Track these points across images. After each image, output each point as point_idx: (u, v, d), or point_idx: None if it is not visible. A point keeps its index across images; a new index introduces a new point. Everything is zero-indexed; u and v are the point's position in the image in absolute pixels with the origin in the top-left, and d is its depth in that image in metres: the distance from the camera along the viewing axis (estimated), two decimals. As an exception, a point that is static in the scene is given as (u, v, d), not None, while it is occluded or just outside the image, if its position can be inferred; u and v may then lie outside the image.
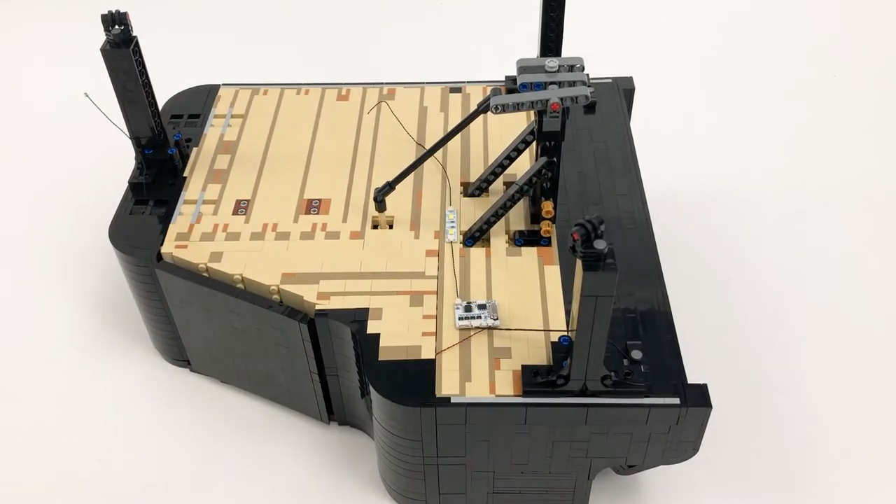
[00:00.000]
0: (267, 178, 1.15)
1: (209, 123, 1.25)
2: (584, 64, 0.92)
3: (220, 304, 1.02)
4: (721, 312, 1.27)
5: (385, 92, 1.29)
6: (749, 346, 1.22)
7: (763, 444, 1.10)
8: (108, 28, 1.04)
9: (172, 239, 1.06)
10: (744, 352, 1.21)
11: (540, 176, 1.00)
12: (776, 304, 1.28)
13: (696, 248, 1.37)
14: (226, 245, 1.04)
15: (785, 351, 1.21)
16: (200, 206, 1.10)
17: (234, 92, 1.30)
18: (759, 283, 1.31)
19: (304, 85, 1.31)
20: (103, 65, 1.06)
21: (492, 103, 0.92)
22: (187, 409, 1.16)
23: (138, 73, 1.07)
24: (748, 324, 1.25)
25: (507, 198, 1.01)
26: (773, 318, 1.26)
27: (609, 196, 1.09)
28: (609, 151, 1.16)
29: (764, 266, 1.34)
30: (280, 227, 1.06)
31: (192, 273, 1.03)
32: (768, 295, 1.29)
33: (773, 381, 1.18)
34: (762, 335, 1.24)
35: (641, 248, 1.02)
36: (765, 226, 1.41)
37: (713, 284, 1.31)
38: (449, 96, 1.27)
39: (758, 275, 1.33)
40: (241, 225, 1.07)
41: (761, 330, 1.24)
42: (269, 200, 1.11)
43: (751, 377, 1.18)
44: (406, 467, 0.97)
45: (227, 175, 1.15)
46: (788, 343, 1.22)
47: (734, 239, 1.39)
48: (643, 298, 0.96)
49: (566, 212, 1.07)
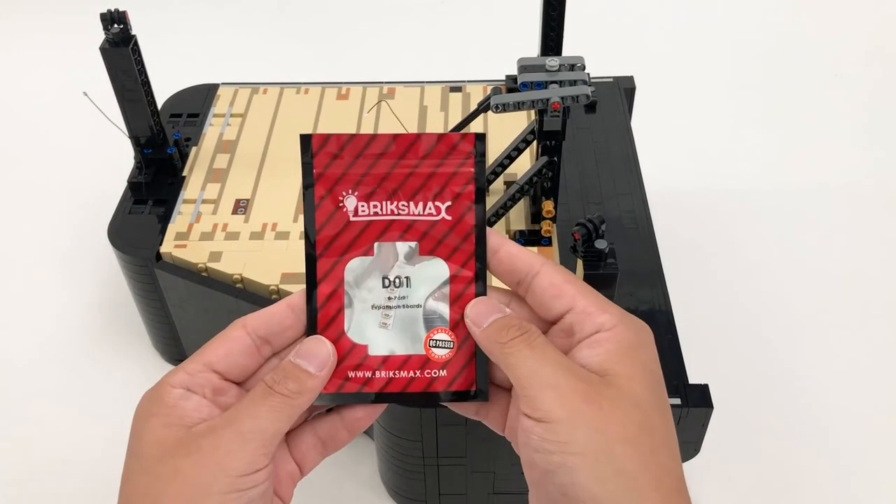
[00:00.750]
0: (266, 177, 1.14)
1: (208, 122, 1.24)
2: (584, 63, 0.92)
3: (219, 303, 1.01)
4: (722, 312, 1.26)
5: (385, 91, 1.29)
6: (750, 346, 1.22)
7: (764, 444, 1.10)
8: (108, 27, 1.04)
9: (171, 238, 1.05)
10: (744, 352, 1.21)
11: (540, 175, 1.00)
12: (777, 304, 1.28)
13: (697, 248, 1.36)
14: (225, 245, 1.04)
15: (785, 351, 1.21)
16: (200, 205, 1.10)
17: (234, 91, 1.30)
18: (759, 283, 1.31)
19: (303, 84, 1.31)
20: (102, 64, 1.05)
21: (492, 102, 0.91)
22: (186, 409, 1.15)
23: (137, 72, 1.07)
24: (749, 324, 1.25)
25: (508, 197, 1.01)
26: (773, 319, 1.26)
27: (610, 195, 1.09)
28: (610, 151, 1.16)
29: (764, 266, 1.34)
30: (280, 227, 1.06)
31: (191, 273, 1.03)
32: (769, 295, 1.29)
33: (774, 381, 1.17)
34: (763, 335, 1.23)
35: (642, 247, 1.02)
36: (765, 225, 1.41)
37: (714, 284, 1.31)
38: (449, 95, 1.27)
39: (758, 275, 1.33)
40: (241, 224, 1.07)
41: (762, 330, 1.24)
42: (268, 200, 1.11)
43: (752, 377, 1.17)
44: (406, 467, 0.97)
45: (227, 174, 1.15)
46: (789, 343, 1.22)
47: (735, 239, 1.39)
48: (644, 298, 0.96)
49: (567, 211, 1.06)
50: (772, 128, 1.63)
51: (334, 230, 0.55)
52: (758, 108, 1.67)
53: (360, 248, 0.56)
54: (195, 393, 0.53)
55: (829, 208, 1.44)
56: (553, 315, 0.54)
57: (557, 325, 0.54)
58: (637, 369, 0.51)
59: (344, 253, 0.56)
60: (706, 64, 1.79)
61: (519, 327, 0.52)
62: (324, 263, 0.56)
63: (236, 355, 0.54)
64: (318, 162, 0.55)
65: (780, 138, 1.60)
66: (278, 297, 0.98)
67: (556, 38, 1.00)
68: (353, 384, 0.55)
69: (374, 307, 0.56)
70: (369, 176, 0.55)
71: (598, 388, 0.50)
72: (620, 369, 0.51)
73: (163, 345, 1.20)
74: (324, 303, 0.55)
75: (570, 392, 0.49)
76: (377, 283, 0.56)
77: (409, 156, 0.55)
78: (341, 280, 0.56)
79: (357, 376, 0.55)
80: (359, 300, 0.56)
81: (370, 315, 0.56)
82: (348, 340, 0.56)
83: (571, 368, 0.51)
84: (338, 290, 0.56)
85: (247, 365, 0.55)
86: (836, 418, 1.13)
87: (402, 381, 0.56)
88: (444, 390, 0.56)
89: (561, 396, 0.49)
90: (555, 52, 1.02)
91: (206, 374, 0.53)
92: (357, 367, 0.55)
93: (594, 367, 0.51)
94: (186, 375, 0.53)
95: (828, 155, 1.56)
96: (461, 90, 1.28)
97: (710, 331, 1.22)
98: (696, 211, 1.44)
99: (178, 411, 0.52)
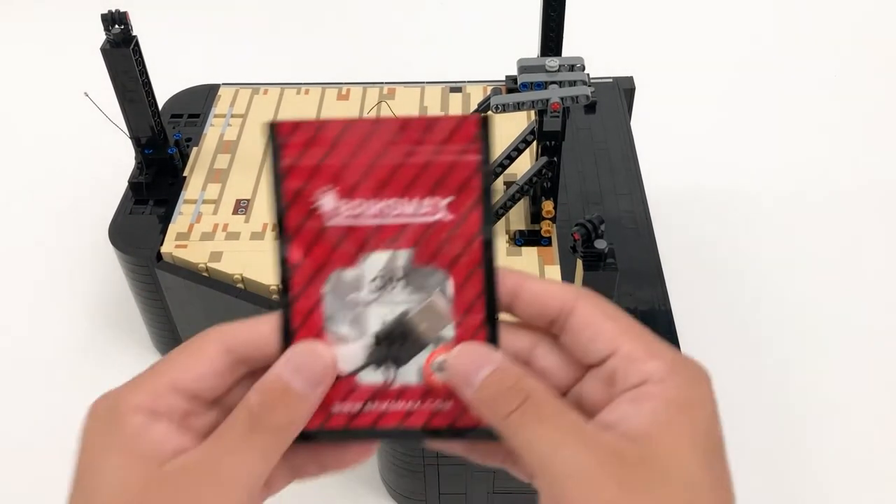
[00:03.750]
0: (267, 177, 1.14)
1: (209, 123, 1.24)
2: (584, 63, 0.92)
3: (219, 303, 1.02)
4: (722, 312, 1.27)
5: (385, 91, 1.29)
6: (750, 346, 1.22)
7: (764, 444, 1.10)
8: (108, 27, 1.04)
9: (172, 238, 1.05)
10: (745, 352, 1.21)
11: (540, 176, 1.00)
12: (777, 303, 1.28)
13: (697, 248, 1.36)
14: (226, 245, 1.04)
15: (786, 350, 1.21)
16: (200, 205, 1.10)
17: (235, 91, 1.30)
18: (759, 283, 1.31)
19: (304, 84, 1.31)
20: (103, 64, 1.05)
21: (492, 102, 0.92)
22: (187, 409, 1.15)
23: (138, 72, 1.07)
24: (749, 324, 1.25)
25: (508, 197, 1.01)
26: (773, 318, 1.26)
27: (609, 195, 1.09)
28: (609, 151, 1.16)
29: (764, 265, 1.34)
30: (280, 227, 1.06)
31: (191, 273, 1.03)
32: (769, 295, 1.29)
33: (775, 380, 1.17)
34: (763, 335, 1.23)
35: (642, 247, 1.02)
36: (765, 225, 1.41)
37: (714, 284, 1.31)
38: (449, 96, 1.27)
39: (758, 274, 1.33)
40: (241, 224, 1.07)
41: (762, 330, 1.24)
42: (269, 200, 1.10)
43: (752, 377, 1.17)
44: (406, 467, 0.97)
45: (227, 174, 1.15)
46: (789, 343, 1.22)
47: (734, 238, 1.39)
48: (644, 298, 0.96)
49: (566, 211, 1.06)
50: (772, 128, 1.63)
51: (311, 235, 0.46)
52: (758, 108, 1.67)
53: (342, 257, 0.46)
54: (161, 417, 0.43)
55: (829, 208, 1.44)
56: (593, 359, 0.44)
57: (596, 372, 0.44)
58: (689, 437, 0.42)
59: (323, 263, 0.46)
60: (706, 64, 1.79)
61: (518, 390, 0.42)
62: (300, 277, 0.46)
63: (209, 377, 0.44)
64: (288, 153, 0.46)
65: (779, 138, 1.60)
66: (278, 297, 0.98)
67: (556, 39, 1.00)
68: (338, 420, 0.45)
69: (363, 328, 0.46)
70: (350, 168, 0.45)
71: (635, 467, 0.40)
72: (667, 438, 0.41)
73: (163, 344, 1.20)
74: (301, 324, 0.46)
75: (600, 479, 0.39)
76: (366, 300, 0.46)
77: (398, 143, 0.45)
78: (321, 297, 0.46)
79: (343, 411, 0.45)
80: (343, 321, 0.46)
81: (358, 337, 0.46)
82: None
83: (598, 443, 0.40)
84: (317, 308, 0.46)
85: (218, 386, 0.45)
86: (838, 418, 1.13)
87: (398, 415, 0.46)
88: (449, 426, 0.46)
89: (589, 487, 0.39)
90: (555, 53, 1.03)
91: (172, 396, 0.43)
92: (344, 398, 0.45)
93: (634, 431, 0.41)
94: (149, 398, 0.43)
95: (828, 155, 1.56)
96: (461, 90, 1.28)
97: (711, 331, 1.22)
98: (696, 211, 1.44)
99: (143, 444, 0.42)
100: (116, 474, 0.42)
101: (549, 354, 0.46)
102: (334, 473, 0.47)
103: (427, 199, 0.45)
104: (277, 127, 0.45)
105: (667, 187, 1.44)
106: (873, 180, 1.50)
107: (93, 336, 1.27)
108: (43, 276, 1.37)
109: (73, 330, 1.28)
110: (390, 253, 0.46)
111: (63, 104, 1.68)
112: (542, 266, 1.00)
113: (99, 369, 1.22)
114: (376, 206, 0.45)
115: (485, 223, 0.45)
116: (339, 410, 0.46)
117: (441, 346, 0.45)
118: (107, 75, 1.06)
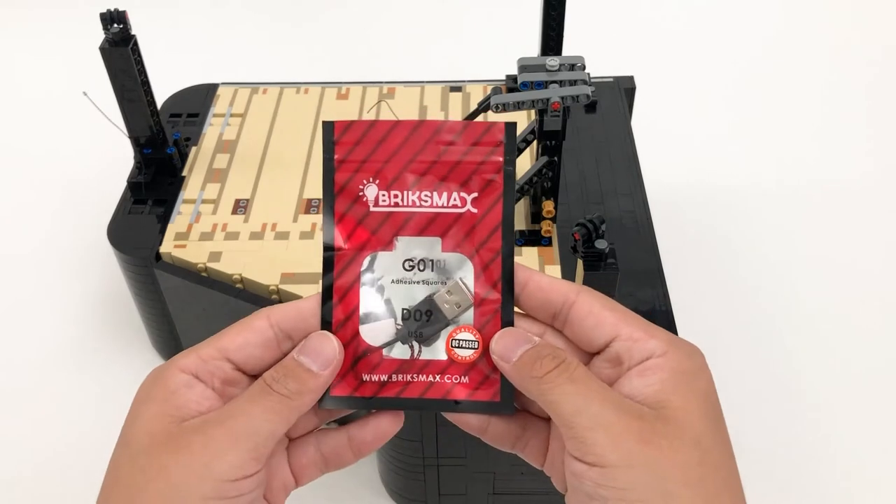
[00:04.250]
0: (266, 177, 1.14)
1: (208, 122, 1.24)
2: (585, 63, 0.92)
3: (218, 303, 1.01)
4: (722, 312, 1.26)
5: (385, 91, 1.28)
6: (750, 346, 1.22)
7: (765, 444, 1.10)
8: (107, 27, 1.04)
9: (171, 238, 1.05)
10: (745, 352, 1.21)
11: (540, 175, 1.00)
12: (777, 303, 1.28)
13: (697, 248, 1.36)
14: (225, 245, 1.04)
15: (786, 350, 1.21)
16: (199, 205, 1.10)
17: (234, 91, 1.30)
18: (759, 283, 1.31)
19: (303, 84, 1.31)
20: (102, 64, 1.05)
21: (492, 102, 0.91)
22: (186, 410, 1.15)
23: (137, 71, 1.07)
24: (749, 324, 1.25)
25: (508, 197, 1.01)
26: (774, 318, 1.26)
27: (610, 195, 1.09)
28: (610, 151, 1.15)
29: (765, 265, 1.34)
30: (279, 227, 1.06)
31: (190, 273, 1.03)
32: (769, 294, 1.29)
33: (775, 380, 1.17)
34: (763, 335, 1.23)
35: (642, 247, 1.02)
36: (765, 225, 1.41)
37: (714, 284, 1.31)
38: (449, 95, 1.27)
39: (759, 274, 1.32)
40: (241, 224, 1.07)
41: (762, 330, 1.24)
42: (268, 200, 1.10)
43: (752, 377, 1.17)
44: (406, 467, 0.97)
45: (227, 174, 1.15)
46: (790, 342, 1.22)
47: (735, 238, 1.39)
48: (644, 298, 0.96)
49: (567, 211, 1.06)
50: (772, 127, 1.63)
51: (354, 221, 0.52)
52: (758, 108, 1.67)
53: (380, 241, 0.52)
54: (202, 381, 0.49)
55: (829, 208, 1.44)
56: (596, 346, 0.50)
57: (601, 356, 0.50)
58: (694, 400, 0.47)
59: (363, 246, 0.52)
60: (706, 64, 1.79)
61: (554, 357, 0.48)
62: (342, 257, 0.52)
63: (255, 347, 0.50)
64: (340, 149, 0.52)
65: (780, 138, 1.60)
66: (278, 297, 0.98)
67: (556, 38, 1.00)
68: (367, 388, 0.51)
69: (393, 305, 0.52)
70: (391, 163, 0.51)
71: (653, 424, 0.45)
72: (676, 401, 0.46)
73: (162, 344, 1.20)
74: (340, 299, 0.52)
75: (624, 431, 0.45)
76: (398, 280, 0.52)
77: (435, 142, 0.51)
78: (358, 276, 0.52)
79: (372, 380, 0.51)
80: (377, 297, 0.52)
81: (389, 314, 0.52)
82: (363, 341, 0.52)
83: (621, 403, 0.46)
84: (354, 285, 0.52)
85: (264, 358, 0.51)
86: (839, 418, 1.12)
87: (421, 386, 0.51)
88: (466, 399, 0.51)
89: (613, 437, 0.44)
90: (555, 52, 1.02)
91: (220, 361, 0.50)
92: (372, 369, 0.51)
93: (647, 399, 0.47)
94: (198, 360, 0.50)
95: (828, 154, 1.56)
96: (461, 90, 1.28)
97: (711, 331, 1.22)
98: (697, 211, 1.44)
99: (177, 400, 0.48)
100: (148, 425, 0.48)
101: (557, 341, 0.51)
102: (355, 460, 0.53)
103: (456, 193, 0.52)
104: (333, 126, 0.52)
105: (668, 187, 1.43)
106: (874, 180, 1.50)
107: (91, 336, 1.26)
108: (42, 276, 1.36)
109: (72, 329, 1.27)
110: (421, 239, 0.52)
111: (62, 104, 1.68)
112: (543, 266, 0.99)
113: (97, 369, 1.22)
114: (411, 197, 0.52)
115: (505, 218, 0.51)
116: (368, 379, 0.52)
117: (463, 325, 0.52)
118: (106, 75, 1.06)
